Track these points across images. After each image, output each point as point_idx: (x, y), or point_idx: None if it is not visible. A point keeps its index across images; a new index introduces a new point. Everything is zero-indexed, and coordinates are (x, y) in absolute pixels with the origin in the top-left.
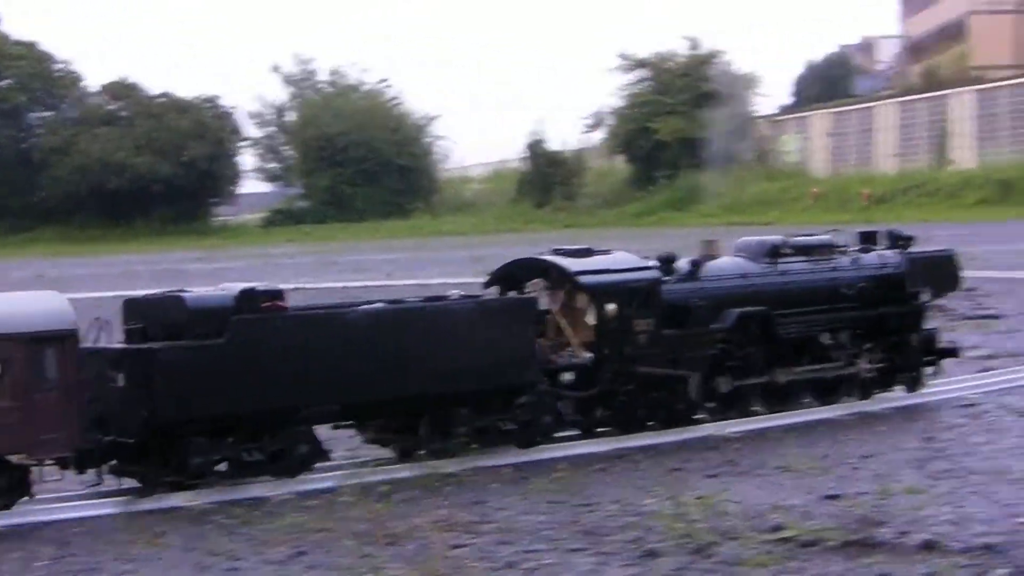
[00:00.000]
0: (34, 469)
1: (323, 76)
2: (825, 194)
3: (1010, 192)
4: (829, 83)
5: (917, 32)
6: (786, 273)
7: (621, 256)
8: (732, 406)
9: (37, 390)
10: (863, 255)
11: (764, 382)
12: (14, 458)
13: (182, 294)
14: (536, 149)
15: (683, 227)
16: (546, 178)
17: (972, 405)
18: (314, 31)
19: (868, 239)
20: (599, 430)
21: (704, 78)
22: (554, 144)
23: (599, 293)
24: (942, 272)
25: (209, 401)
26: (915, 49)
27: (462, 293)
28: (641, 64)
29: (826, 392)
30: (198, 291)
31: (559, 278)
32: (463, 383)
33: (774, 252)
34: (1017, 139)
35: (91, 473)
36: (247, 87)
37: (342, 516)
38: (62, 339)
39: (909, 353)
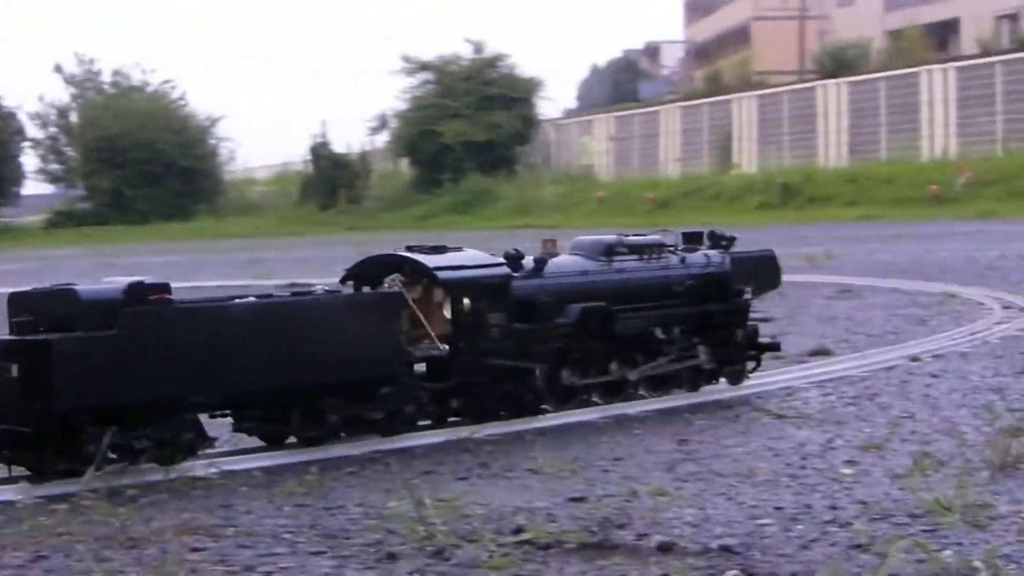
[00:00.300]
0: None
1: (107, 77)
2: (609, 198)
3: (791, 196)
4: (614, 87)
5: (701, 37)
6: (622, 271)
7: (473, 253)
8: (573, 397)
9: None
10: (689, 255)
11: (602, 374)
12: None
13: (74, 287)
14: (320, 152)
15: (467, 230)
16: (330, 181)
17: (728, 407)
18: (98, 31)
19: (693, 239)
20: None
21: (488, 81)
22: (339, 147)
23: (455, 288)
24: (764, 271)
25: (102, 390)
26: (699, 54)
27: (326, 288)
28: (425, 67)
29: (659, 384)
30: (86, 285)
31: (416, 273)
32: (333, 374)
33: (609, 251)
34: (798, 144)
35: None
36: (30, 87)
37: (86, 520)
38: None
39: (734, 348)
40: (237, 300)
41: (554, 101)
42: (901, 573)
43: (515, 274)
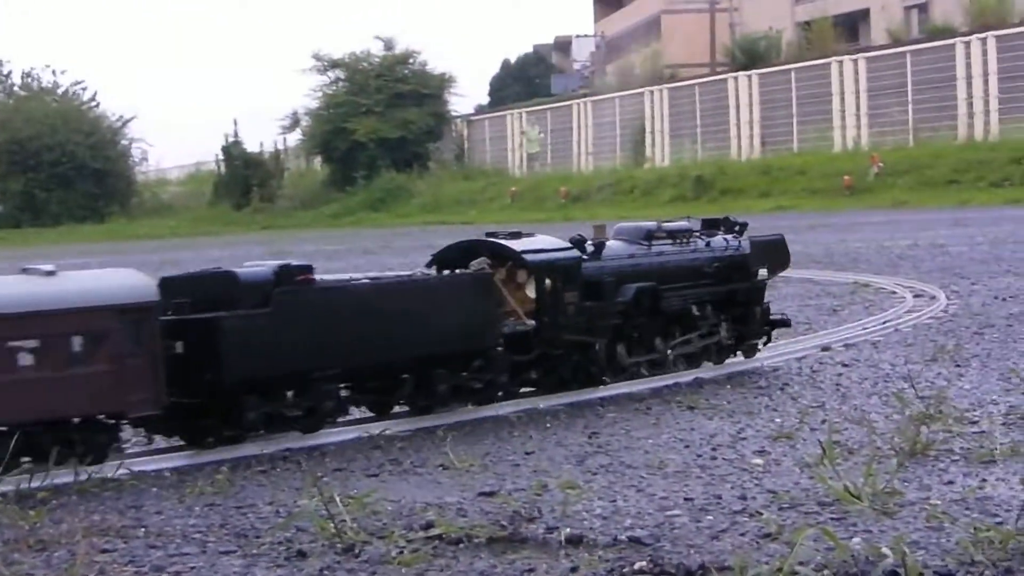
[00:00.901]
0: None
1: (16, 79)
2: (522, 193)
3: (705, 188)
4: (526, 82)
5: (612, 31)
6: (662, 254)
7: (547, 238)
8: (626, 370)
9: (129, 356)
10: (712, 239)
11: (648, 348)
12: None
13: (233, 271)
14: (232, 151)
15: (381, 227)
16: (243, 180)
17: (640, 399)
18: (7, 32)
19: (712, 225)
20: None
21: (399, 78)
22: (251, 146)
23: (539, 270)
24: (776, 253)
25: (259, 363)
26: (610, 48)
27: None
28: (335, 65)
29: (692, 358)
30: (241, 268)
31: (501, 257)
32: (441, 347)
33: (649, 236)
34: (710, 136)
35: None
36: None
37: None
38: (148, 310)
39: (753, 324)
40: (363, 280)
41: (466, 97)
42: (809, 561)
43: (584, 257)
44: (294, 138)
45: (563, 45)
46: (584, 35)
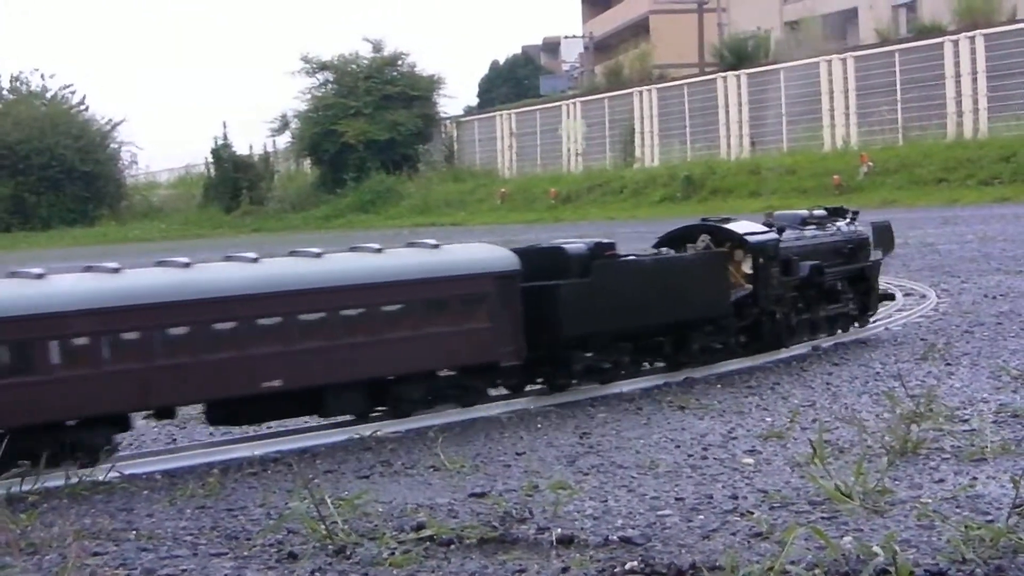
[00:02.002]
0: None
1: (5, 83)
2: (512, 193)
3: (695, 188)
4: (515, 84)
5: (600, 32)
6: (815, 237)
7: (750, 223)
8: (795, 335)
9: (500, 315)
10: (841, 224)
11: (812, 318)
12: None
13: (562, 246)
14: (221, 154)
15: (371, 229)
16: (233, 183)
17: (631, 400)
18: None
19: (835, 212)
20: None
21: (388, 80)
22: (241, 148)
23: (756, 249)
24: (886, 237)
25: (583, 324)
26: (599, 48)
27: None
28: (324, 67)
29: (832, 326)
30: (566, 244)
31: (722, 238)
32: (695, 312)
33: (804, 222)
34: (699, 136)
35: None
36: None
37: None
38: (514, 277)
39: (872, 298)
40: (645, 256)
41: (455, 99)
42: (800, 560)
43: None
44: (283, 140)
45: (551, 46)
46: (572, 36)
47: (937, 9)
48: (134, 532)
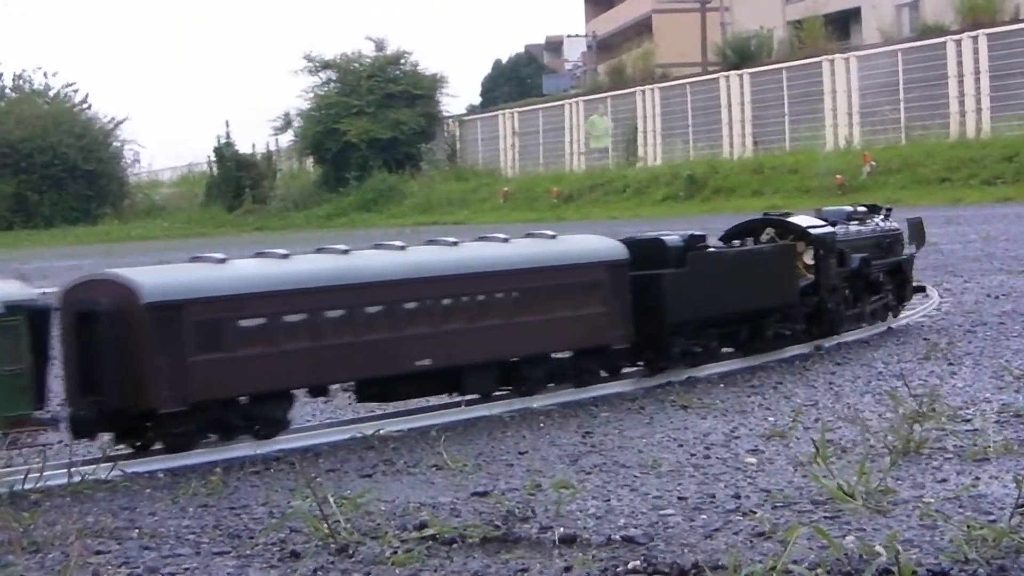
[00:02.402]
0: None
1: (8, 81)
2: (514, 193)
3: (697, 187)
4: (517, 83)
5: (603, 31)
6: (859, 232)
7: (809, 217)
8: (843, 324)
9: (612, 301)
10: (879, 220)
11: (860, 308)
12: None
13: (661, 238)
14: (224, 152)
15: (374, 228)
16: (236, 181)
17: (633, 399)
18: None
19: (873, 209)
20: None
21: (391, 79)
22: (243, 147)
23: (818, 241)
24: (920, 232)
25: (682, 311)
26: (601, 48)
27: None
28: (327, 65)
29: (872, 316)
30: (665, 236)
31: (786, 231)
32: (772, 300)
33: (849, 217)
34: (702, 135)
35: None
36: None
37: None
38: (624, 266)
39: (907, 289)
40: (731, 248)
41: (458, 97)
42: (803, 560)
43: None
44: (286, 139)
45: (554, 45)
46: (575, 35)
47: (940, 9)
48: (136, 530)
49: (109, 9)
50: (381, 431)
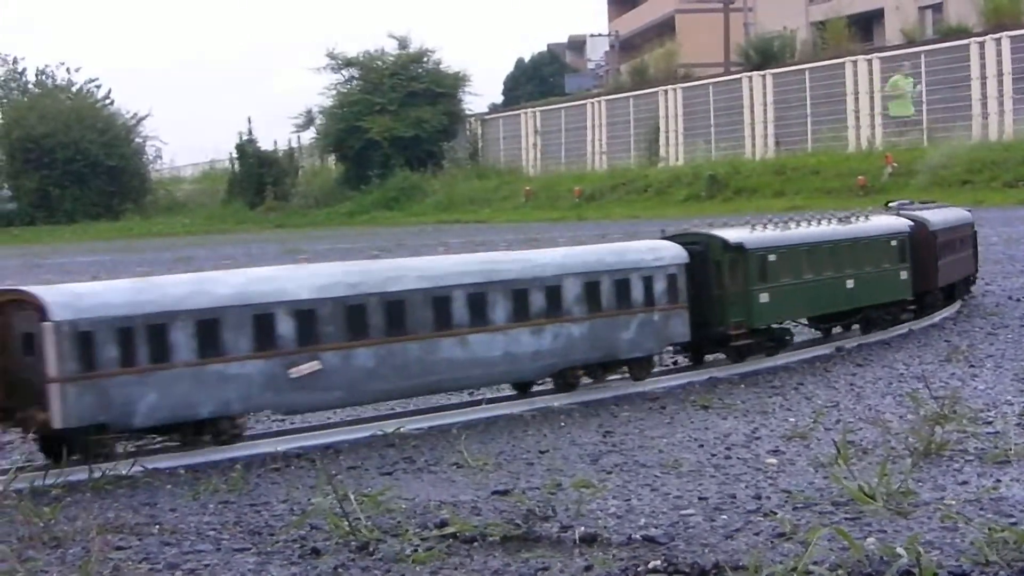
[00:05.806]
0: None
1: (31, 76)
2: (536, 192)
3: (719, 187)
4: (540, 81)
5: (626, 30)
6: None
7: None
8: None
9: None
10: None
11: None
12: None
13: (712, 232)
14: (246, 149)
15: (395, 226)
16: (257, 178)
17: (655, 399)
18: (22, 30)
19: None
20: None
21: (414, 77)
22: (265, 144)
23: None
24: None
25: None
26: (624, 47)
27: None
28: (350, 63)
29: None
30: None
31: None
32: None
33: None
34: (724, 135)
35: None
36: None
37: (8, 520)
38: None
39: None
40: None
41: (480, 96)
42: (824, 561)
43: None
44: (308, 136)
45: (577, 44)
46: (598, 34)
47: (963, 10)
48: (157, 526)
49: (132, 5)
50: (402, 429)
